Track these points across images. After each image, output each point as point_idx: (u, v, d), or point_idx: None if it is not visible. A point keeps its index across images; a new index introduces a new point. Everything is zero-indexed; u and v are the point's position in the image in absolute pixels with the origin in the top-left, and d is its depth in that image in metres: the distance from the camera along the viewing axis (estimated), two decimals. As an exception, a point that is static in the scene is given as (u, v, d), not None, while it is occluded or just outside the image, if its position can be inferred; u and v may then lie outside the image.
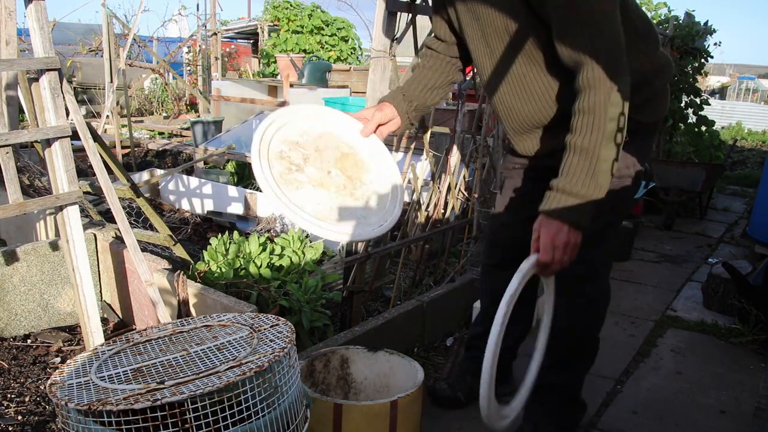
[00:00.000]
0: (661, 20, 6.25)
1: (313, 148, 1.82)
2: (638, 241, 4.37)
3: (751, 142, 12.50)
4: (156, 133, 7.91)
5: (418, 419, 1.72)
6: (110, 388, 1.11)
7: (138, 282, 2.40)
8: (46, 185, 3.11)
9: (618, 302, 3.32)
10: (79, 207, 2.12)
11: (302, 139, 1.81)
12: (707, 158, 5.97)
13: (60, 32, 10.24)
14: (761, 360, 2.68)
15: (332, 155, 1.82)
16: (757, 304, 2.84)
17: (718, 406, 2.30)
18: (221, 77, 9.09)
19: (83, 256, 2.08)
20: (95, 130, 2.27)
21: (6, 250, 2.44)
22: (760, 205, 3.86)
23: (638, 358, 2.67)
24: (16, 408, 2.01)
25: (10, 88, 2.63)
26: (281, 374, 1.18)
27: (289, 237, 2.89)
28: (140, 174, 5.04)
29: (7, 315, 2.47)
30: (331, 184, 1.78)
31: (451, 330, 2.74)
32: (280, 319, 1.38)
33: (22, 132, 2.08)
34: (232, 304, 2.08)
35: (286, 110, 1.85)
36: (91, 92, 9.38)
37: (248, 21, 11.32)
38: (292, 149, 1.78)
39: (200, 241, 3.76)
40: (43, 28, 2.03)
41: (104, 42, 5.85)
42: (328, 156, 1.81)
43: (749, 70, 26.37)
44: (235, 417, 1.10)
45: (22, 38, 6.18)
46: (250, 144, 1.77)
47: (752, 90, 20.36)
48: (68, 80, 5.02)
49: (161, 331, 1.39)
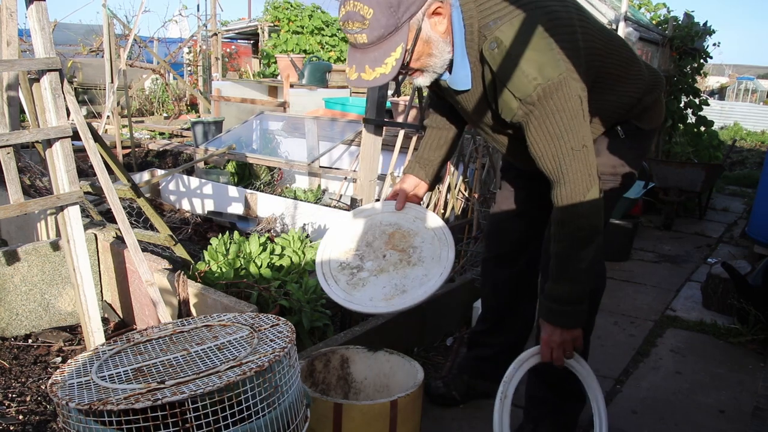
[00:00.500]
0: (661, 21, 6.26)
1: (365, 244, 2.03)
2: (638, 241, 4.38)
3: (750, 143, 12.50)
4: (156, 133, 7.92)
5: (418, 419, 1.73)
6: (111, 388, 1.12)
7: (138, 282, 2.40)
8: (47, 185, 3.11)
9: (617, 302, 3.33)
10: (79, 207, 2.13)
11: (353, 243, 2.03)
12: (706, 158, 5.98)
13: (61, 33, 10.24)
14: (760, 360, 2.69)
15: (381, 241, 2.03)
16: (756, 304, 2.85)
17: (717, 406, 2.31)
18: (222, 78, 9.09)
19: (84, 256, 2.09)
20: (96, 131, 2.28)
21: (7, 250, 2.45)
22: (759, 205, 3.87)
23: (638, 358, 2.68)
24: (18, 407, 2.02)
25: (12, 89, 2.63)
26: (281, 374, 1.19)
27: (289, 237, 2.89)
28: (141, 174, 5.05)
29: (9, 315, 2.48)
30: (389, 265, 1.98)
31: (451, 330, 2.74)
32: (281, 319, 1.38)
33: (23, 132, 2.09)
34: (233, 304, 2.08)
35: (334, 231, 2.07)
36: (91, 93, 9.38)
37: (249, 21, 11.32)
38: (348, 256, 2.01)
39: (201, 241, 3.77)
40: (44, 28, 2.04)
41: (105, 42, 5.85)
42: (378, 244, 2.03)
43: (748, 71, 26.37)
44: (235, 417, 1.10)
45: (23, 39, 6.19)
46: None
47: (751, 90, 20.37)
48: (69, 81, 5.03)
49: (162, 330, 1.40)
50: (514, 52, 1.43)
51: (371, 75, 1.45)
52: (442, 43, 1.51)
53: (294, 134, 5.63)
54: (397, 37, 1.41)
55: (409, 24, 1.42)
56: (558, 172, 1.51)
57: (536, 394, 1.93)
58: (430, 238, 2.00)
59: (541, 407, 1.93)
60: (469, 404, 2.20)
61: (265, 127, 5.92)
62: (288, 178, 5.50)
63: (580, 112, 1.47)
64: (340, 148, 5.16)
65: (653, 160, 5.30)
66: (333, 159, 5.25)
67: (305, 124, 5.50)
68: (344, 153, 5.20)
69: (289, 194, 4.97)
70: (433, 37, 1.49)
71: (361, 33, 1.41)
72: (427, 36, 1.48)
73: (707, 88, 17.60)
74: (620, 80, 1.67)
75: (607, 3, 4.79)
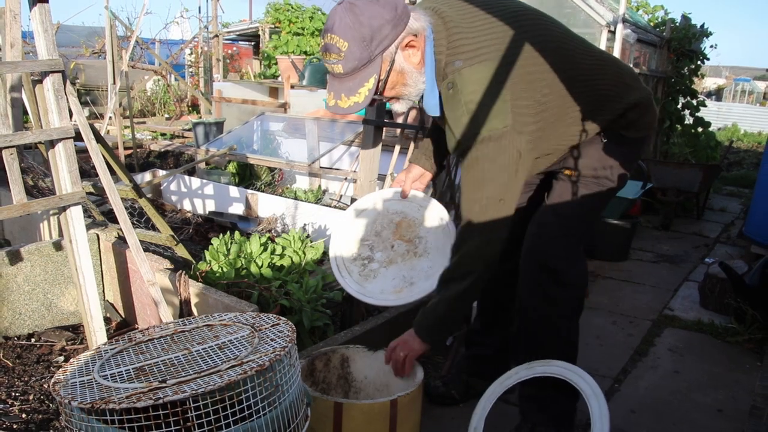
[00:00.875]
0: (658, 23, 6.28)
1: (374, 234, 2.13)
2: (636, 241, 4.39)
3: (747, 144, 12.51)
4: (158, 134, 7.93)
5: (418, 418, 1.74)
6: (113, 387, 1.13)
7: (140, 282, 2.42)
8: (50, 186, 3.13)
9: (616, 302, 3.34)
10: (82, 207, 2.14)
11: (364, 232, 2.14)
12: (704, 159, 5.99)
13: (64, 34, 10.25)
14: (757, 359, 2.70)
15: (389, 231, 2.14)
16: (753, 304, 2.86)
17: (715, 405, 2.32)
18: (223, 79, 9.10)
19: (86, 256, 2.10)
20: (98, 132, 2.29)
21: (10, 250, 2.46)
22: (756, 205, 3.87)
23: (636, 358, 2.69)
24: (21, 406, 2.03)
25: (15, 90, 2.65)
26: (282, 373, 1.20)
27: (289, 237, 2.90)
28: (142, 174, 5.06)
29: (12, 314, 2.49)
30: (397, 256, 2.11)
31: (450, 330, 2.75)
32: (281, 319, 1.39)
33: (26, 133, 2.10)
34: (234, 304, 2.10)
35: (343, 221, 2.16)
36: (94, 94, 9.39)
37: (250, 23, 11.31)
38: (360, 247, 2.12)
39: (202, 241, 3.78)
40: (47, 30, 2.05)
41: (107, 44, 5.87)
42: (386, 234, 2.13)
43: (745, 72, 26.31)
44: (236, 415, 1.11)
45: (26, 41, 6.22)
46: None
47: (748, 92, 20.38)
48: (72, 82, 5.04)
49: (163, 330, 1.41)
50: (465, 98, 1.52)
51: (346, 103, 1.55)
52: (415, 73, 1.59)
53: (294, 135, 5.64)
54: (370, 68, 1.51)
55: (382, 57, 1.51)
56: (468, 210, 1.64)
57: (530, 392, 1.94)
58: (435, 228, 2.09)
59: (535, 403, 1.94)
60: (469, 403, 2.21)
61: (265, 127, 5.93)
62: (288, 179, 5.51)
63: (512, 166, 1.56)
64: (340, 148, 5.17)
65: (651, 160, 5.31)
66: (333, 159, 5.26)
67: (306, 125, 5.51)
68: (344, 153, 5.22)
69: (290, 194, 4.98)
70: (407, 69, 1.57)
71: (337, 64, 1.50)
72: (400, 67, 1.56)
73: (704, 90, 17.61)
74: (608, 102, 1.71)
75: (605, 5, 4.80)
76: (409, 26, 1.52)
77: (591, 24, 4.78)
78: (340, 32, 1.47)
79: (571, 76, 1.64)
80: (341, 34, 1.47)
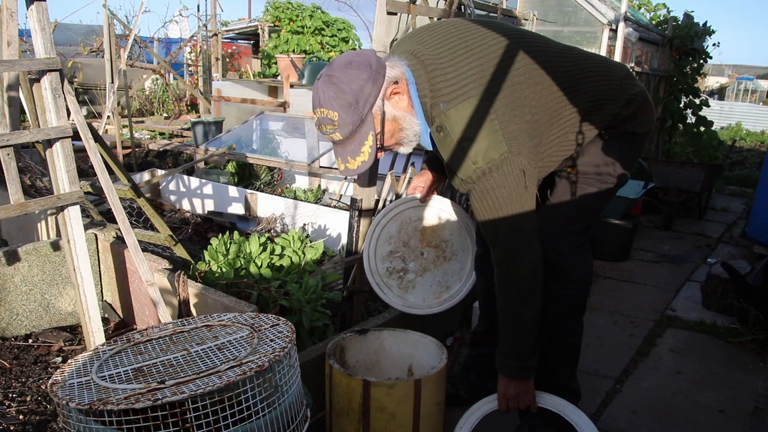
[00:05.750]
0: (660, 21, 6.27)
1: (402, 245, 2.19)
2: (637, 241, 4.38)
3: (750, 143, 12.50)
4: (157, 133, 7.92)
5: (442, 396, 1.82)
6: (111, 388, 1.12)
7: (139, 282, 2.40)
8: (48, 185, 3.12)
9: (617, 302, 3.33)
10: (80, 207, 2.13)
11: (393, 245, 2.20)
12: (706, 158, 5.98)
13: (61, 33, 10.25)
14: (760, 359, 2.69)
15: (416, 239, 2.19)
16: (755, 304, 2.85)
17: (717, 406, 2.31)
18: (222, 78, 9.08)
19: (84, 256, 2.09)
20: (96, 131, 2.28)
21: (8, 250, 2.45)
22: (758, 205, 3.86)
23: (637, 358, 2.68)
24: (18, 407, 2.02)
25: (12, 89, 2.63)
26: (282, 374, 1.19)
27: (289, 237, 2.89)
28: (141, 174, 5.05)
29: (9, 315, 2.48)
30: (428, 263, 2.18)
31: (451, 330, 2.75)
32: (281, 319, 1.38)
33: (23, 132, 2.09)
34: (233, 304, 2.08)
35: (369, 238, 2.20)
36: (92, 93, 9.39)
37: (249, 22, 11.29)
38: (392, 260, 2.20)
39: (201, 241, 3.77)
40: (45, 29, 2.04)
41: (105, 43, 5.85)
42: (414, 243, 2.19)
43: (748, 71, 26.35)
44: (235, 416, 1.11)
45: (23, 39, 6.19)
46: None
47: (751, 90, 20.39)
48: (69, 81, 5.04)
49: (162, 330, 1.40)
50: (457, 138, 1.56)
51: (354, 164, 1.61)
52: (408, 116, 1.63)
53: (294, 134, 5.63)
54: (365, 127, 1.56)
55: (372, 113, 1.57)
56: (494, 238, 1.66)
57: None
58: (457, 229, 2.15)
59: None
60: (472, 401, 2.19)
61: (265, 127, 5.92)
62: (288, 178, 5.50)
63: (521, 184, 1.58)
64: (340, 148, 5.15)
65: (653, 160, 5.30)
66: (333, 159, 5.24)
67: (305, 124, 5.50)
68: (344, 153, 5.20)
69: (289, 194, 4.97)
70: (398, 115, 1.62)
71: (334, 132, 1.57)
72: (392, 116, 1.61)
73: (707, 89, 17.63)
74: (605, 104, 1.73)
75: (606, 3, 4.79)
76: (388, 76, 1.57)
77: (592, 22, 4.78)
78: (326, 105, 1.54)
79: (561, 88, 1.66)
80: (328, 106, 1.54)
